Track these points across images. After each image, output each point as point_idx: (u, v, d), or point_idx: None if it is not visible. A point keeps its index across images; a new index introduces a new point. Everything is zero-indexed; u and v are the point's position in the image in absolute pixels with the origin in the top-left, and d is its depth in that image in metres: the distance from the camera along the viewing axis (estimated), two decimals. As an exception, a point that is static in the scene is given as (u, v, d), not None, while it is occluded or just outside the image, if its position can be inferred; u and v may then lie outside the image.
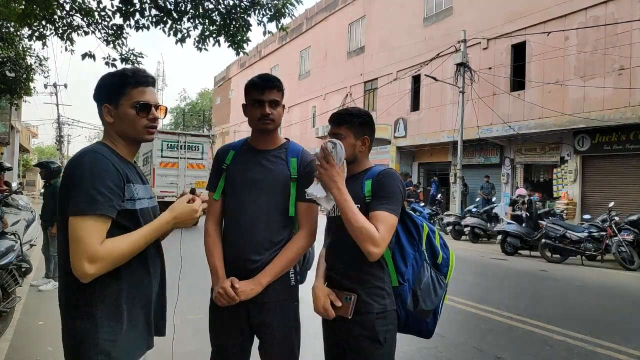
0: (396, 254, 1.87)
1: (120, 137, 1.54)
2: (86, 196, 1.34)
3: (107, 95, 1.52)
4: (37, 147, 58.46)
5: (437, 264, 1.96)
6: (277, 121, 1.96)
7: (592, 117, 12.31)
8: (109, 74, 1.55)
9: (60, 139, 40.08)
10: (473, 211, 13.29)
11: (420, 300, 1.85)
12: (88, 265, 1.33)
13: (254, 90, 1.93)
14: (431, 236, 1.96)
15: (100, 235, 1.36)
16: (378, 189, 1.82)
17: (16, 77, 10.32)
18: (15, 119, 20.52)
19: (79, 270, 1.34)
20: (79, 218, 1.34)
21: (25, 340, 4.10)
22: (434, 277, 1.92)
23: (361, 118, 1.93)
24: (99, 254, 1.34)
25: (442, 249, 1.98)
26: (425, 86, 17.97)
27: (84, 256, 1.33)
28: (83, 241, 1.33)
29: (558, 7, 13.39)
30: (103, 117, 1.54)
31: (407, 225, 1.93)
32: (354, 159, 1.93)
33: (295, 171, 1.96)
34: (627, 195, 12.33)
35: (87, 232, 1.34)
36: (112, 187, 1.40)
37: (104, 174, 1.39)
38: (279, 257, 1.91)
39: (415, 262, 1.89)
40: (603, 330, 4.80)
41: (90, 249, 1.33)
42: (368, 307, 1.80)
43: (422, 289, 1.87)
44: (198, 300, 3.48)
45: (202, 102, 57.32)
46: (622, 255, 8.95)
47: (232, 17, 6.61)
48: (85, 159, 1.39)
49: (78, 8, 6.97)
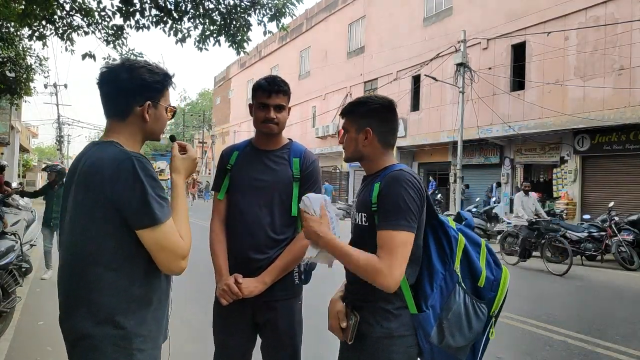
0: (423, 272, 1.54)
1: (143, 136, 1.50)
2: (157, 204, 1.33)
3: (151, 92, 1.45)
4: (37, 147, 58.48)
5: (478, 288, 1.56)
6: (282, 125, 1.98)
7: (592, 117, 12.31)
8: (146, 69, 1.45)
9: (60, 139, 40.05)
10: (473, 211, 13.31)
11: (446, 334, 1.49)
12: (184, 262, 1.40)
13: (261, 93, 1.95)
14: (470, 251, 1.57)
15: (177, 232, 1.39)
16: (382, 199, 1.51)
17: (16, 77, 10.31)
18: (16, 119, 20.51)
19: (178, 270, 1.41)
20: (159, 227, 1.34)
21: (25, 340, 4.10)
22: (470, 304, 1.52)
23: (366, 107, 1.63)
24: (187, 248, 1.41)
25: (489, 268, 1.59)
26: (425, 86, 17.97)
27: (179, 258, 1.38)
28: (173, 246, 1.36)
29: (558, 7, 13.38)
30: (142, 113, 1.44)
31: (439, 236, 1.57)
32: (360, 156, 1.65)
33: (298, 171, 1.98)
34: (627, 195, 12.32)
35: (172, 236, 1.36)
36: (163, 188, 1.42)
37: (156, 177, 1.38)
38: (282, 256, 1.92)
39: (445, 284, 1.52)
40: (603, 330, 4.80)
41: (181, 251, 1.38)
42: (369, 330, 1.53)
43: (450, 320, 1.50)
44: (198, 301, 3.48)
45: (202, 102, 57.37)
46: (622, 255, 8.95)
47: (233, 16, 6.61)
48: (137, 168, 1.33)
49: (78, 8, 6.98)
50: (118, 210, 1.33)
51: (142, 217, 1.32)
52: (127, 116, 1.44)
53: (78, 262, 1.39)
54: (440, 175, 19.06)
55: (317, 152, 21.71)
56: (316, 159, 2.08)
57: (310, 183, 1.99)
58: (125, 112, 1.44)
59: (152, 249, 1.35)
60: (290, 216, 1.96)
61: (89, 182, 1.36)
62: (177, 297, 1.91)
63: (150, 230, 1.33)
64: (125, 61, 1.51)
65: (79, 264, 1.38)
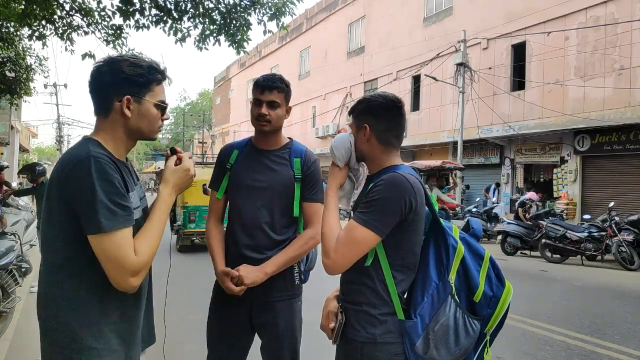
0: (418, 279, 1.49)
1: (127, 134, 1.40)
2: (105, 211, 1.23)
3: (131, 87, 1.36)
4: (37, 147, 58.50)
5: (473, 303, 1.48)
6: (275, 123, 1.94)
7: (592, 117, 12.30)
8: (128, 62, 1.37)
9: (60, 139, 40.03)
10: (473, 211, 13.30)
11: (431, 346, 1.43)
12: (133, 279, 1.28)
13: (255, 89, 1.96)
14: (468, 263, 1.48)
15: (131, 244, 1.28)
16: (366, 197, 1.49)
17: (16, 77, 10.30)
18: (15, 119, 20.51)
19: (126, 286, 1.29)
20: (105, 236, 1.23)
21: (25, 340, 4.09)
22: (460, 319, 1.44)
23: (364, 104, 1.60)
24: (140, 265, 1.28)
25: (488, 282, 1.49)
26: (425, 86, 17.97)
27: (126, 273, 1.26)
28: (120, 259, 1.25)
29: (558, 7, 13.39)
30: (121, 109, 1.36)
31: (439, 244, 1.51)
32: (361, 155, 1.62)
33: (299, 172, 1.97)
34: (627, 195, 12.32)
35: (120, 248, 1.25)
36: (124, 195, 1.31)
37: (115, 182, 1.27)
38: (285, 250, 1.91)
39: (437, 294, 1.46)
40: (603, 330, 4.80)
41: (130, 265, 1.26)
42: (353, 333, 1.50)
43: (437, 332, 1.43)
44: (198, 300, 3.48)
45: (202, 102, 57.37)
46: (622, 255, 8.94)
47: (233, 16, 6.60)
48: (92, 169, 1.24)
49: (78, 8, 6.98)
50: (74, 211, 1.25)
51: (88, 222, 1.24)
52: (108, 112, 1.37)
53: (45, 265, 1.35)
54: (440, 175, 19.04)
55: (317, 152, 21.68)
56: (317, 159, 2.08)
57: (312, 183, 1.98)
58: (105, 108, 1.37)
59: (100, 258, 1.26)
60: (291, 217, 1.96)
61: (53, 182, 1.31)
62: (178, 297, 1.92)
63: (94, 238, 1.24)
64: (111, 56, 1.42)
65: (44, 268, 1.35)
